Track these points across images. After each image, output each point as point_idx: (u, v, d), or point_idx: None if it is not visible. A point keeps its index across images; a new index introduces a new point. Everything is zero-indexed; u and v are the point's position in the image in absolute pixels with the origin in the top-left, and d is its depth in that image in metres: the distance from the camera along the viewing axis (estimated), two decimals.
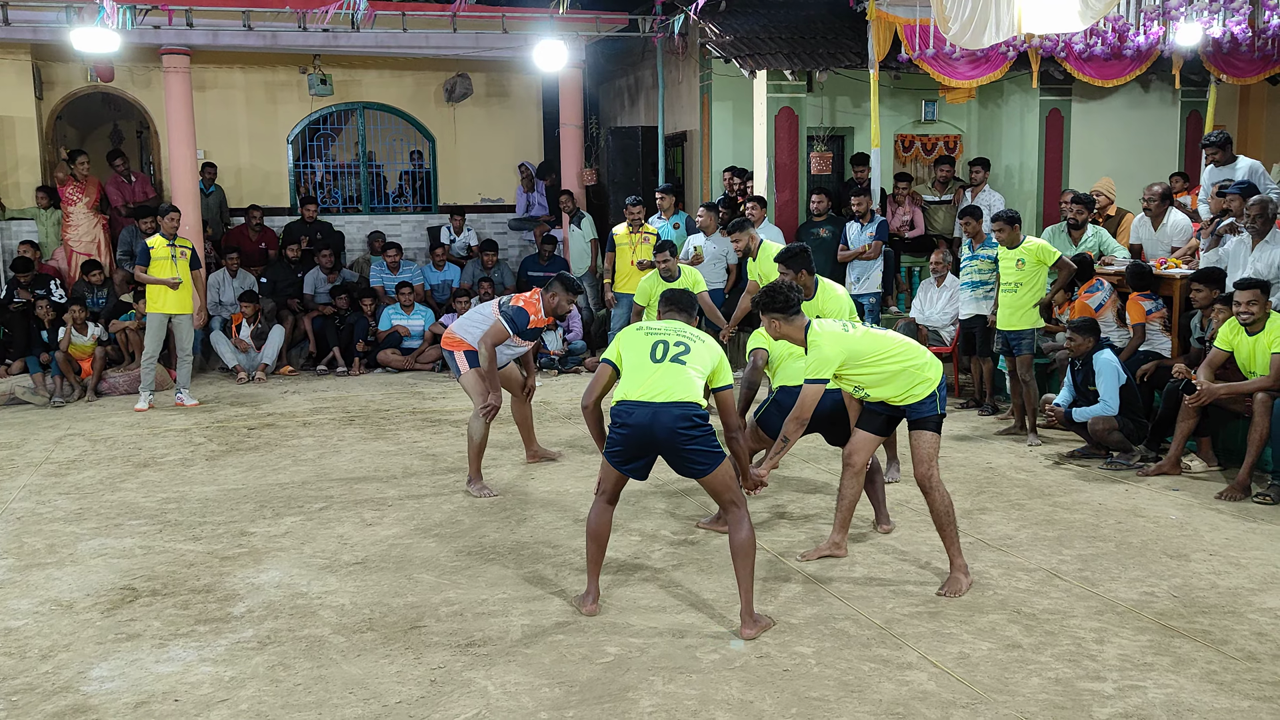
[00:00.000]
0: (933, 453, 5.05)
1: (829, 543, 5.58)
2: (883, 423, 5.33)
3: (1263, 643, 4.49)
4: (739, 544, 4.60)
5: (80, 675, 4.29)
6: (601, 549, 4.89)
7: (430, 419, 9.14)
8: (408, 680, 4.20)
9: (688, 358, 4.65)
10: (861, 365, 5.01)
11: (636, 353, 4.73)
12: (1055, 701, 3.98)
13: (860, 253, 10.16)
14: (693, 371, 4.63)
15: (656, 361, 4.65)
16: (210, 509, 6.58)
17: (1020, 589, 5.11)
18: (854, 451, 5.39)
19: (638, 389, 4.62)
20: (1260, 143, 13.15)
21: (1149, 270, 8.26)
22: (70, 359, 10.34)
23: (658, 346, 4.70)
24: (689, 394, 4.57)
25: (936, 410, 5.07)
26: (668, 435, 4.55)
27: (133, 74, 12.97)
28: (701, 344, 4.75)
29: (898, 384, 5.05)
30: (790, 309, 5.02)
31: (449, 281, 12.75)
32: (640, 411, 4.57)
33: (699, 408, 4.59)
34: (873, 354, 5.01)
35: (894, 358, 5.03)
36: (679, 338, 4.73)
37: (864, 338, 5.05)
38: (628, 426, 4.60)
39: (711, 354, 4.75)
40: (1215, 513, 6.31)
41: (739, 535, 4.60)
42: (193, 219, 11.62)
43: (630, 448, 4.66)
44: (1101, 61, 10.69)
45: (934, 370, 5.10)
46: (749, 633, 4.55)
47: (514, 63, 13.50)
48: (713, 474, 4.61)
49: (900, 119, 12.21)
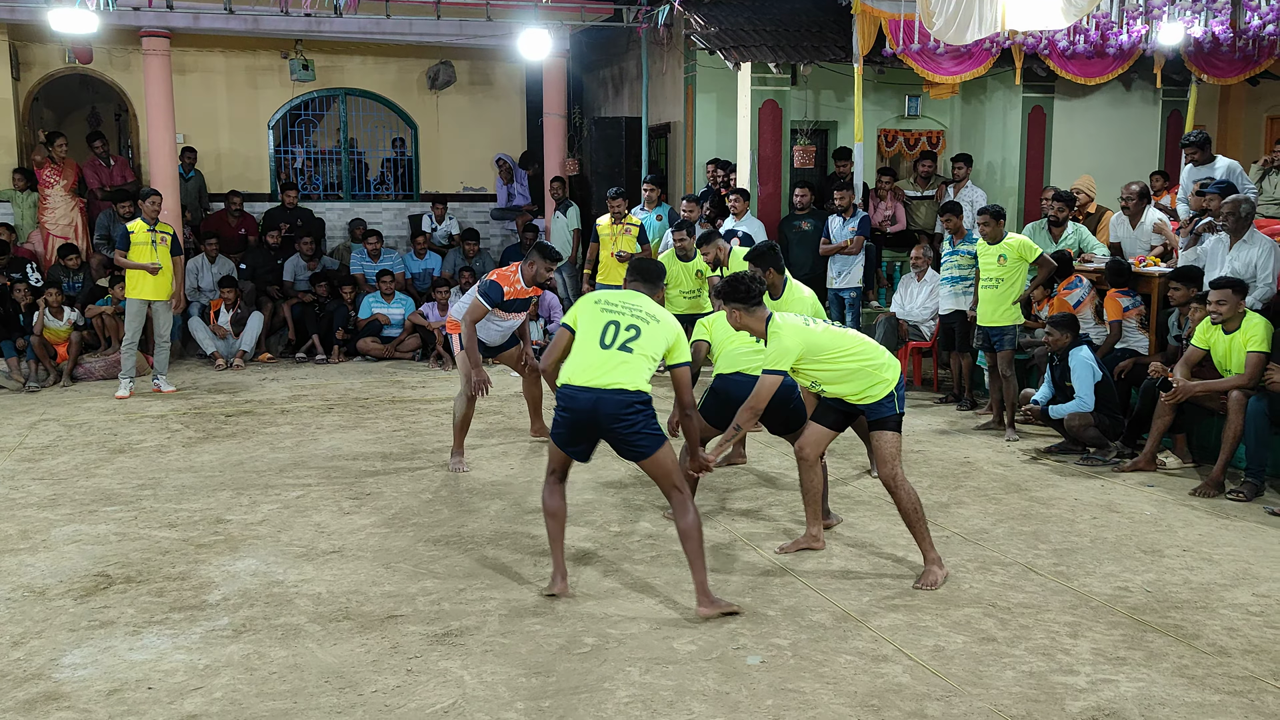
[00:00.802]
0: (895, 452, 5.09)
1: (806, 535, 5.61)
2: (836, 418, 5.34)
3: (1233, 638, 4.53)
4: (685, 528, 4.68)
5: (52, 662, 4.26)
6: (561, 526, 4.95)
7: (410, 408, 9.11)
8: (384, 669, 4.19)
9: (636, 343, 4.67)
10: (819, 360, 5.04)
11: (588, 331, 4.76)
12: (1029, 695, 4.00)
13: (842, 247, 10.17)
14: (640, 357, 4.66)
15: (605, 347, 4.67)
16: (186, 496, 6.54)
17: (995, 583, 5.14)
18: (804, 445, 5.43)
19: (582, 374, 4.66)
20: (1239, 143, 13.26)
21: (1128, 267, 8.31)
22: (46, 343, 10.25)
23: (609, 329, 4.71)
24: (633, 381, 4.62)
25: (895, 410, 5.09)
26: (609, 421, 4.62)
27: (111, 56, 12.85)
28: (655, 324, 4.75)
29: (854, 382, 5.08)
30: (751, 300, 5.03)
31: (430, 270, 12.69)
32: (583, 396, 4.63)
33: (642, 394, 4.65)
34: (831, 350, 5.04)
35: (852, 356, 5.07)
36: (632, 319, 4.73)
37: (824, 333, 5.08)
38: (570, 410, 4.68)
39: (666, 334, 4.76)
40: (1189, 509, 6.36)
41: (685, 520, 4.68)
42: (172, 204, 11.54)
43: (572, 430, 4.73)
44: (1084, 59, 10.73)
45: (891, 371, 5.12)
46: (705, 610, 4.61)
47: (498, 51, 13.45)
48: (653, 457, 4.67)
49: (884, 114, 12.23)
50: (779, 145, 11.40)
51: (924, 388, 9.99)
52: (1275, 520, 6.12)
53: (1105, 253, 9.11)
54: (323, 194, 14.18)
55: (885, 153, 12.33)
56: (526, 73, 14.23)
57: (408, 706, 3.90)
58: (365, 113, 14.21)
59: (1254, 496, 6.50)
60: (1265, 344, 6.64)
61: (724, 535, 5.81)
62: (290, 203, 12.92)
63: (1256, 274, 7.34)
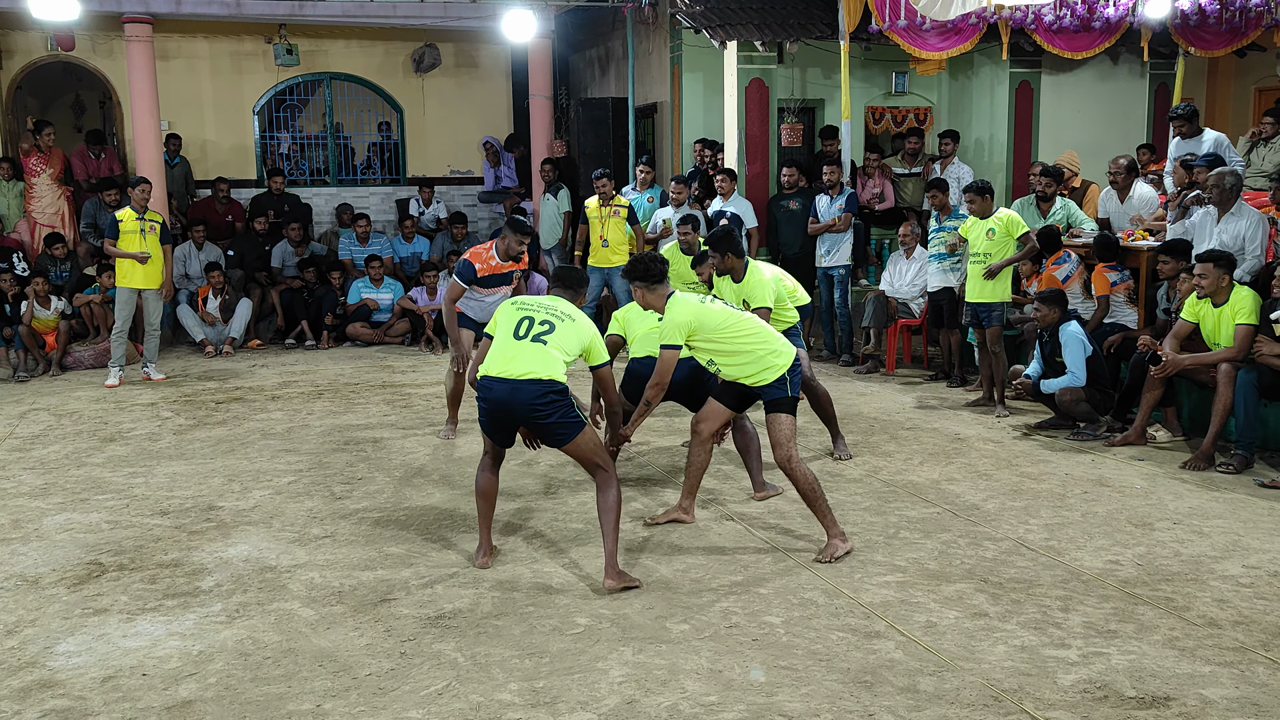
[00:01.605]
0: (789, 435, 5.15)
1: (676, 507, 5.71)
2: (735, 398, 5.41)
3: (1224, 609, 4.56)
4: (606, 503, 4.82)
5: (46, 650, 4.26)
6: (490, 505, 5.15)
7: (400, 392, 9.10)
8: (378, 653, 4.20)
9: (550, 337, 4.84)
10: (710, 336, 5.15)
11: (504, 328, 4.94)
12: (1021, 669, 4.03)
13: (830, 225, 10.15)
14: (554, 350, 4.81)
15: (519, 339, 4.84)
16: (178, 483, 6.53)
17: (987, 558, 5.16)
18: (702, 420, 5.52)
19: (498, 365, 4.83)
20: (1227, 116, 13.25)
21: (1115, 241, 8.32)
22: (34, 333, 10.20)
23: (523, 323, 4.89)
24: (547, 371, 4.77)
25: (787, 393, 5.19)
26: (525, 410, 4.78)
27: (94, 43, 12.75)
28: (570, 323, 4.92)
29: (745, 361, 5.18)
30: (651, 278, 5.22)
31: (418, 254, 12.65)
32: (499, 387, 4.79)
33: (556, 383, 4.78)
34: (721, 327, 5.15)
35: (744, 336, 5.17)
36: (546, 315, 4.91)
37: (720, 312, 5.21)
38: (488, 401, 4.85)
39: (580, 334, 4.93)
40: (1179, 482, 6.39)
41: (607, 495, 4.83)
42: (158, 191, 11.46)
43: (492, 419, 4.92)
44: (1071, 33, 10.70)
45: (784, 357, 5.21)
46: (611, 583, 4.74)
47: (483, 33, 13.38)
48: (573, 442, 4.83)
49: (871, 91, 12.19)
50: (766, 124, 11.35)
51: (914, 365, 10.00)
52: (1265, 492, 6.15)
53: (1093, 227, 9.12)
54: (309, 179, 14.11)
55: (873, 130, 12.30)
56: (512, 54, 14.16)
57: (402, 689, 3.91)
58: (351, 97, 14.13)
59: (1244, 469, 6.53)
60: (1253, 316, 6.66)
61: (712, 515, 5.82)
62: (277, 188, 12.86)
63: (1245, 246, 7.35)
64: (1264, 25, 10.62)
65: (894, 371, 9.70)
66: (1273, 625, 4.39)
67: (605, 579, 4.77)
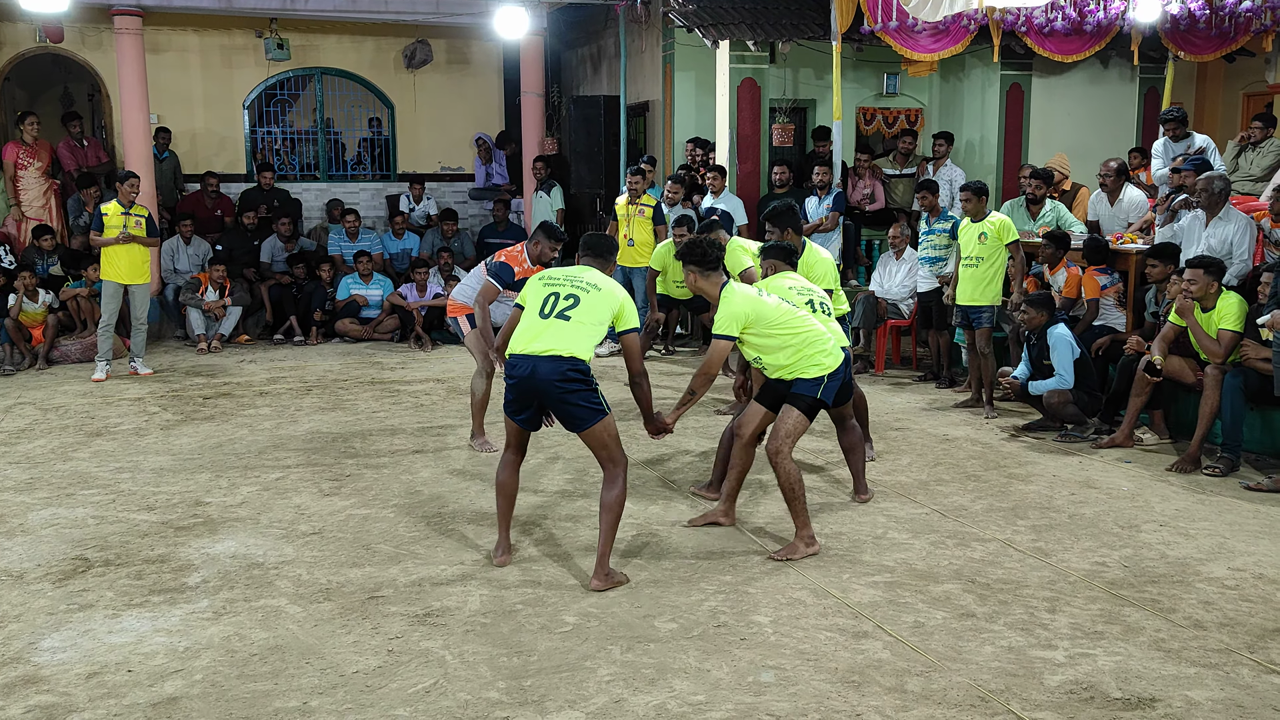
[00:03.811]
0: (791, 433, 5.11)
1: (716, 510, 5.66)
2: (775, 399, 5.33)
3: (1209, 611, 4.58)
4: (609, 500, 4.77)
5: (31, 646, 4.24)
6: (510, 503, 5.08)
7: (389, 389, 9.08)
8: (365, 650, 4.19)
9: (574, 311, 4.78)
10: (765, 330, 5.07)
11: (531, 303, 4.90)
12: (1008, 669, 4.04)
13: (817, 225, 10.18)
14: (578, 325, 4.75)
15: (544, 317, 4.80)
16: (165, 479, 6.50)
17: (975, 559, 5.18)
18: (743, 423, 5.46)
19: (522, 343, 4.80)
20: (1216, 121, 13.30)
21: (1105, 244, 8.34)
22: (20, 326, 10.14)
23: (549, 300, 4.85)
24: (570, 348, 4.71)
25: (816, 394, 5.13)
26: (546, 386, 4.71)
27: (83, 35, 12.69)
28: (596, 293, 4.84)
29: (791, 357, 5.10)
30: (707, 263, 5.10)
31: (408, 250, 12.63)
32: (523, 364, 4.76)
33: (578, 361, 4.72)
34: (777, 320, 5.07)
35: (798, 333, 5.10)
36: (571, 289, 4.84)
37: (776, 307, 5.11)
38: (513, 378, 4.81)
39: (609, 302, 4.85)
40: (1166, 484, 6.41)
41: (611, 492, 4.77)
42: (146, 185, 11.40)
43: (517, 398, 4.85)
44: (1062, 37, 10.73)
45: (833, 359, 5.16)
46: (598, 584, 4.72)
47: (474, 29, 13.35)
48: (591, 428, 4.76)
49: (862, 92, 12.21)
50: (758, 123, 11.36)
51: (903, 366, 10.02)
52: (1251, 495, 6.19)
53: (1083, 230, 9.14)
54: (299, 174, 14.07)
55: (864, 130, 12.32)
56: (504, 51, 14.14)
57: (389, 687, 3.90)
58: (341, 92, 14.09)
59: (1230, 471, 6.56)
60: (1238, 323, 6.69)
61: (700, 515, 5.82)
62: (267, 184, 12.82)
63: (1232, 250, 7.39)
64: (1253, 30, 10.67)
65: (883, 372, 9.72)
66: (1258, 627, 4.42)
67: (592, 579, 4.75)
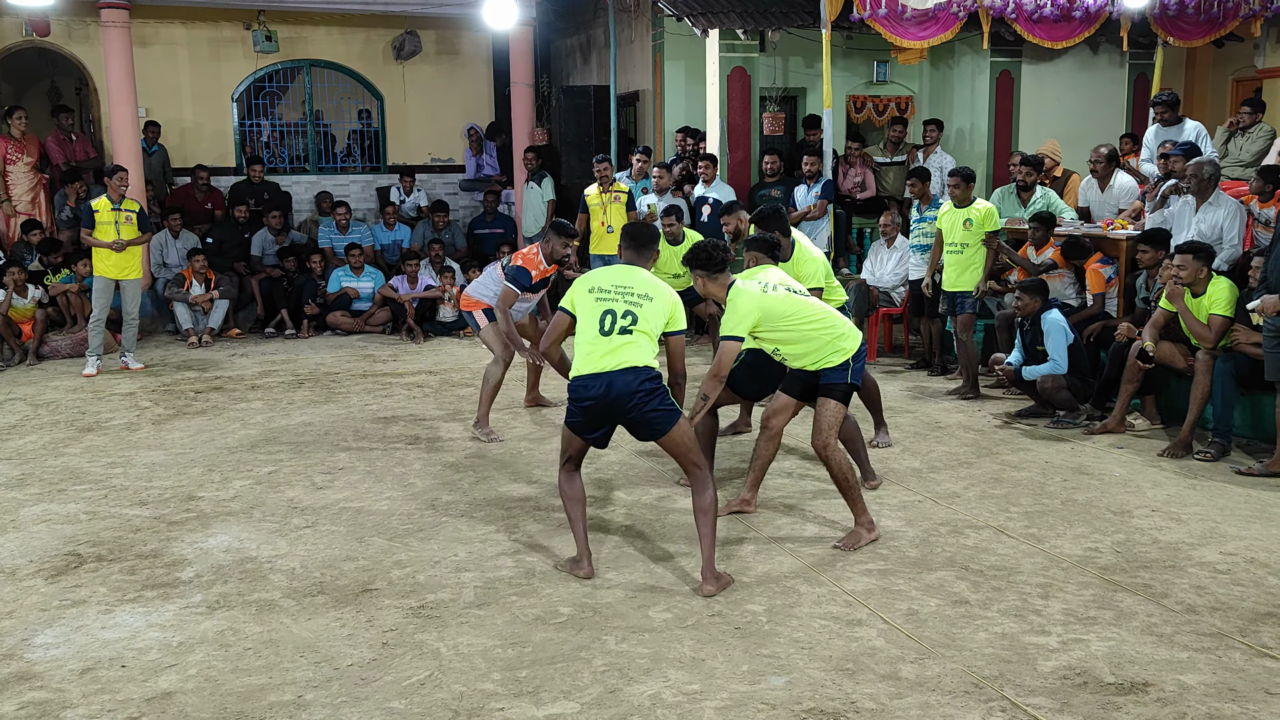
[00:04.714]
0: (833, 423, 5.12)
1: (739, 500, 5.67)
2: (803, 389, 5.34)
3: (1201, 596, 4.59)
4: (702, 504, 4.65)
5: (24, 642, 4.23)
6: (581, 510, 4.89)
7: (381, 381, 9.06)
8: (359, 643, 4.18)
9: (635, 327, 4.68)
10: (777, 325, 5.06)
11: (586, 321, 4.75)
12: (1001, 655, 4.05)
13: (806, 213, 10.18)
14: (641, 335, 4.67)
15: (605, 334, 4.67)
16: (157, 473, 6.48)
17: (968, 546, 5.19)
18: (772, 415, 5.46)
19: (588, 363, 4.65)
20: (1205, 106, 13.31)
21: (1080, 241, 8.38)
22: (10, 322, 10.10)
23: (605, 318, 4.70)
24: (640, 358, 4.63)
25: (847, 380, 5.14)
26: (624, 400, 4.60)
27: (70, 29, 12.61)
28: (649, 304, 4.74)
29: (812, 347, 5.11)
30: (714, 267, 5.06)
31: (399, 242, 12.60)
32: (595, 384, 4.62)
33: (650, 369, 4.64)
34: (790, 315, 5.07)
35: (812, 321, 5.10)
36: (626, 305, 4.72)
37: (784, 300, 5.09)
38: (585, 399, 4.66)
39: (663, 309, 4.77)
40: (1158, 470, 6.43)
41: (702, 497, 4.65)
42: (135, 179, 11.36)
43: (590, 417, 4.72)
44: (1051, 23, 10.73)
45: (851, 341, 5.16)
46: (709, 589, 4.59)
47: (464, 19, 13.31)
48: (669, 434, 4.66)
49: (852, 79, 12.20)
50: (748, 112, 11.34)
51: (895, 354, 10.03)
52: (1242, 479, 6.21)
53: (1074, 216, 9.16)
54: (289, 167, 14.02)
55: (854, 118, 12.31)
56: (493, 42, 14.08)
57: (384, 679, 3.90)
58: (330, 84, 14.04)
59: (1221, 456, 6.58)
60: (1229, 308, 6.70)
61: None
62: (256, 176, 12.77)
63: (1222, 236, 7.40)
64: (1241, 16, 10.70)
65: (875, 360, 9.72)
66: (1249, 611, 4.44)
67: (703, 584, 4.62)
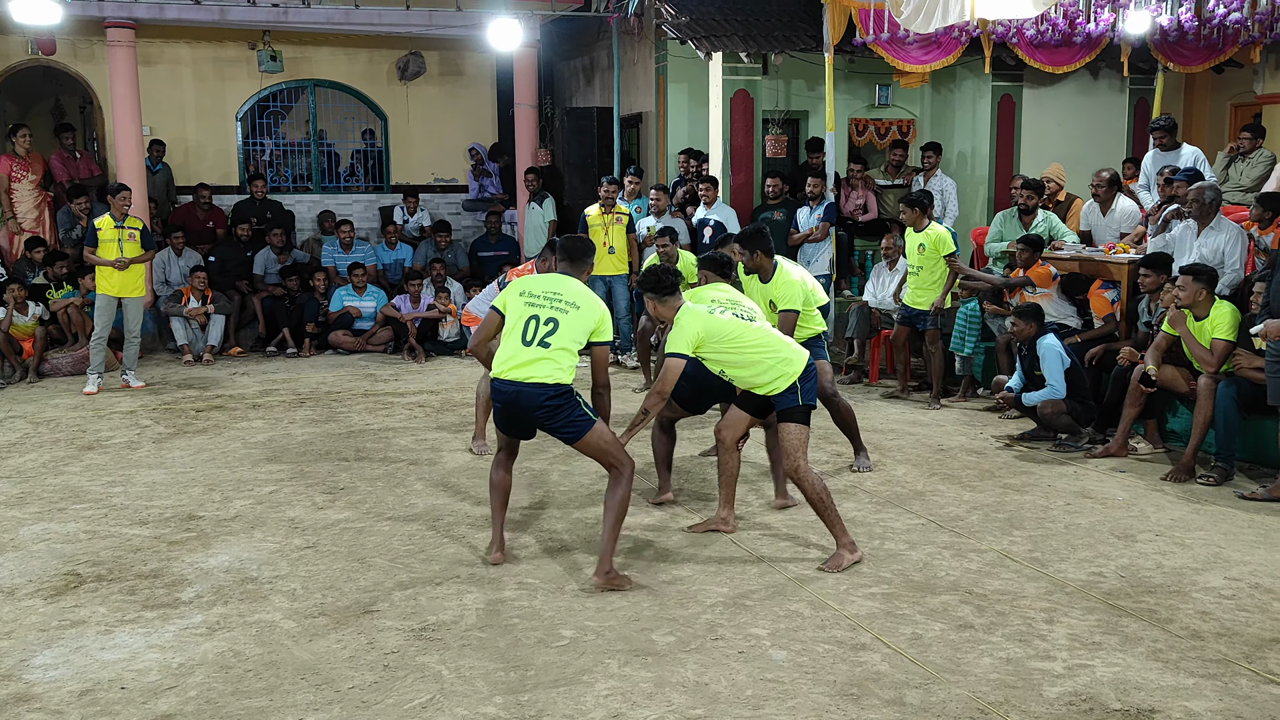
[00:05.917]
0: (799, 444, 5.20)
1: (717, 518, 5.73)
2: (757, 405, 5.49)
3: (1206, 621, 4.57)
4: (612, 499, 4.93)
5: (22, 663, 4.20)
6: (504, 500, 5.27)
7: (382, 401, 9.05)
8: (360, 665, 4.16)
9: (554, 338, 4.91)
10: (719, 346, 5.23)
11: (512, 325, 5.01)
12: (1006, 681, 4.03)
13: (808, 235, 10.20)
14: (557, 351, 4.89)
15: (525, 344, 4.91)
16: (157, 492, 6.46)
17: (972, 570, 5.17)
18: (724, 427, 5.63)
19: (505, 368, 4.92)
20: (1204, 131, 13.36)
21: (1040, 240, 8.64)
22: (10, 339, 10.10)
23: (529, 324, 4.95)
24: (550, 375, 4.87)
25: (798, 402, 5.25)
26: (529, 412, 4.90)
27: (75, 47, 12.66)
28: (575, 312, 4.98)
29: (758, 372, 5.26)
30: (663, 290, 5.28)
31: (401, 261, 12.62)
32: (506, 389, 4.91)
33: (560, 386, 4.88)
34: (729, 337, 5.22)
35: (752, 347, 5.24)
36: (551, 311, 4.95)
37: (728, 322, 5.26)
38: (500, 402, 4.98)
39: (586, 320, 4.99)
40: (1161, 494, 6.42)
41: (615, 492, 4.92)
42: (139, 197, 11.37)
43: (506, 418, 5.05)
44: (1052, 48, 10.77)
45: (795, 365, 5.27)
46: (598, 581, 4.83)
47: (468, 41, 13.35)
48: (584, 439, 4.93)
49: (855, 103, 12.24)
50: (751, 135, 11.38)
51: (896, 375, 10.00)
52: (1245, 504, 6.19)
53: (1075, 240, 9.17)
54: (292, 186, 14.05)
55: (856, 141, 12.34)
56: (497, 63, 14.13)
57: (385, 702, 3.87)
58: (334, 104, 14.08)
59: (1224, 481, 6.57)
60: (1231, 333, 6.70)
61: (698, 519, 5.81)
62: (259, 192, 12.80)
63: (1224, 260, 7.41)
64: (1241, 42, 10.73)
65: (877, 382, 9.72)
66: (1255, 637, 4.42)
67: (594, 575, 4.85)
